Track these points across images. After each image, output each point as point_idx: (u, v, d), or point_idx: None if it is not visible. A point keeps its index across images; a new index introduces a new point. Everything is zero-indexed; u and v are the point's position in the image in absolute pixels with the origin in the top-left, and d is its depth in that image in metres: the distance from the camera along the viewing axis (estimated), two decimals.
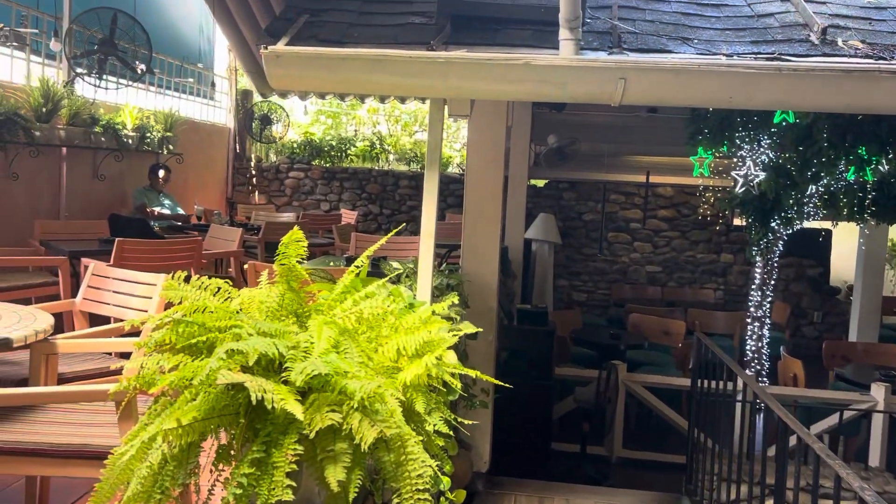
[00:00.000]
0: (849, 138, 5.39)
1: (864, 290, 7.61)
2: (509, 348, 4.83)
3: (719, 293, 9.77)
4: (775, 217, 5.98)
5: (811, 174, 5.64)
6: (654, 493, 4.20)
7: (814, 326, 9.84)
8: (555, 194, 9.85)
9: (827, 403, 5.18)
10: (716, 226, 9.59)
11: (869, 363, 6.26)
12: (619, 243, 9.77)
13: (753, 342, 6.48)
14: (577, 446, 5.19)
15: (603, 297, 9.76)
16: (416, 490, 1.52)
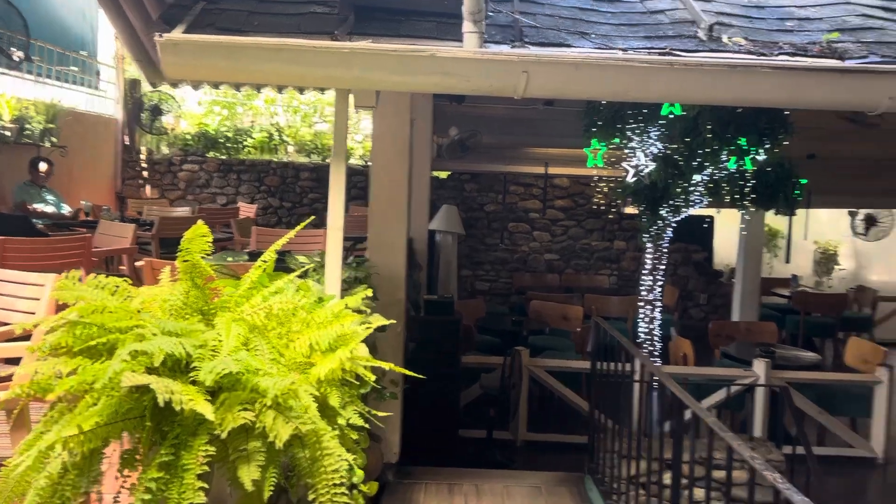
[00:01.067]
0: (731, 130, 5.70)
1: (745, 272, 8.13)
2: (417, 339, 4.85)
3: (613, 278, 10.18)
4: (665, 205, 6.25)
5: (697, 164, 5.93)
6: (559, 474, 4.34)
7: (700, 308, 10.43)
8: (457, 186, 9.96)
9: (715, 380, 5.50)
10: (609, 214, 9.98)
11: (750, 341, 6.70)
12: (519, 233, 10.00)
13: (646, 324, 6.78)
14: (484, 432, 5.29)
15: (505, 286, 9.97)
16: (333, 485, 1.52)
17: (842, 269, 11.59)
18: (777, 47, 2.38)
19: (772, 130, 5.68)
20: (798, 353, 6.20)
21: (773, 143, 5.75)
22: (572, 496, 4.05)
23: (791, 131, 5.78)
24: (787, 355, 6.01)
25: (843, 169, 9.13)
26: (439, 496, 4.00)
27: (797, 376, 5.46)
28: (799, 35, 2.59)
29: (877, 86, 2.29)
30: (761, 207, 6.34)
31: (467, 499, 3.98)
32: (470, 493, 4.06)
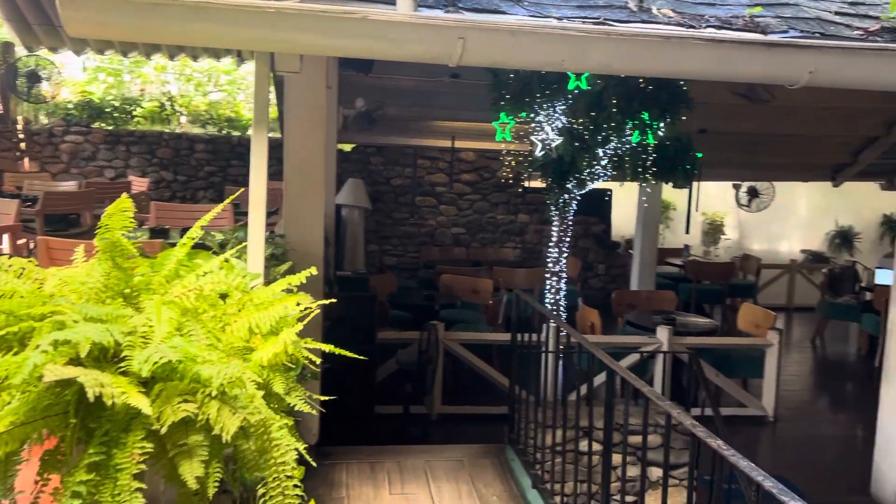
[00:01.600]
0: (634, 104, 5.84)
1: (643, 243, 8.45)
2: (331, 316, 4.73)
3: (518, 251, 10.34)
4: (571, 179, 6.35)
5: (602, 138, 6.05)
6: (480, 446, 4.36)
7: (599, 278, 10.77)
8: (363, 159, 9.78)
9: (622, 347, 5.68)
10: (514, 188, 10.09)
11: (651, 309, 6.98)
12: (426, 207, 9.96)
13: (552, 295, 6.92)
14: (401, 408, 5.25)
15: (412, 260, 9.93)
16: (285, 477, 1.42)
17: (727, 238, 12.26)
18: (703, 20, 2.42)
19: (673, 105, 5.86)
20: (696, 320, 6.52)
21: (673, 118, 5.93)
22: (494, 467, 4.08)
23: (691, 106, 5.99)
24: (686, 322, 6.30)
25: (731, 144, 9.60)
26: (361, 475, 3.93)
27: (697, 342, 5.72)
28: (722, 8, 2.65)
29: (799, 60, 2.37)
30: (661, 180, 6.54)
31: (390, 476, 3.93)
32: (392, 470, 4.01)
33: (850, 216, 12.32)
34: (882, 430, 4.52)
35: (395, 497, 3.66)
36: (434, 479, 3.89)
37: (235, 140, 9.96)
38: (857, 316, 8.36)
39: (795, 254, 12.13)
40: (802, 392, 6.85)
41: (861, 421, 6.00)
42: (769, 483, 1.53)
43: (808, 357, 8.18)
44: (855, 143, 10.01)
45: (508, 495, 3.72)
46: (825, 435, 5.76)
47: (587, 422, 3.70)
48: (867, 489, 4.60)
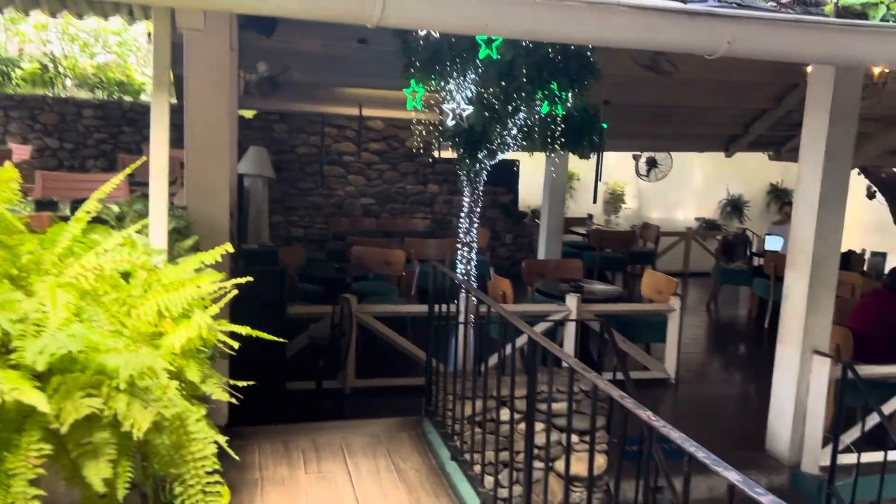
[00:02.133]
0: (544, 74, 5.84)
1: (550, 213, 8.57)
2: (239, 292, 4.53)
3: (428, 222, 10.29)
4: (482, 149, 6.32)
5: (512, 108, 6.04)
6: (398, 419, 4.31)
7: (507, 248, 10.89)
8: (266, 126, 9.41)
9: (535, 315, 5.75)
10: (424, 158, 10.00)
11: (558, 277, 7.11)
12: (333, 176, 9.72)
13: (464, 265, 6.93)
14: (313, 383, 5.12)
15: (320, 232, 9.70)
16: (205, 473, 1.30)
17: (627, 208, 12.66)
18: None
19: (581, 76, 5.91)
20: (602, 287, 6.68)
21: (581, 89, 5.99)
22: (412, 440, 4.05)
23: (599, 77, 6.06)
24: (593, 289, 6.44)
25: (633, 115, 9.85)
26: (275, 455, 3.81)
27: (603, 309, 5.86)
28: None
29: (718, 30, 2.40)
30: (569, 151, 6.61)
31: (305, 455, 3.83)
32: (307, 448, 3.91)
33: (741, 185, 12.97)
34: (776, 389, 4.78)
35: (312, 476, 3.56)
36: (351, 455, 3.82)
37: (127, 105, 9.36)
38: (749, 280, 8.83)
39: (691, 222, 12.68)
40: (701, 354, 7.18)
41: (755, 381, 6.36)
42: (702, 454, 1.54)
43: (704, 321, 8.58)
44: (747, 116, 10.48)
45: (427, 468, 3.70)
46: (723, 395, 6.07)
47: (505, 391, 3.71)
48: (762, 446, 4.87)
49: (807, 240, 4.52)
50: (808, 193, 4.51)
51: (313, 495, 3.36)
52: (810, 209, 4.48)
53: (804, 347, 4.57)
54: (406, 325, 6.11)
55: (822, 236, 4.47)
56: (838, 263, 4.61)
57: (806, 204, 4.53)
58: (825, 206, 4.43)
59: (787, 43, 2.61)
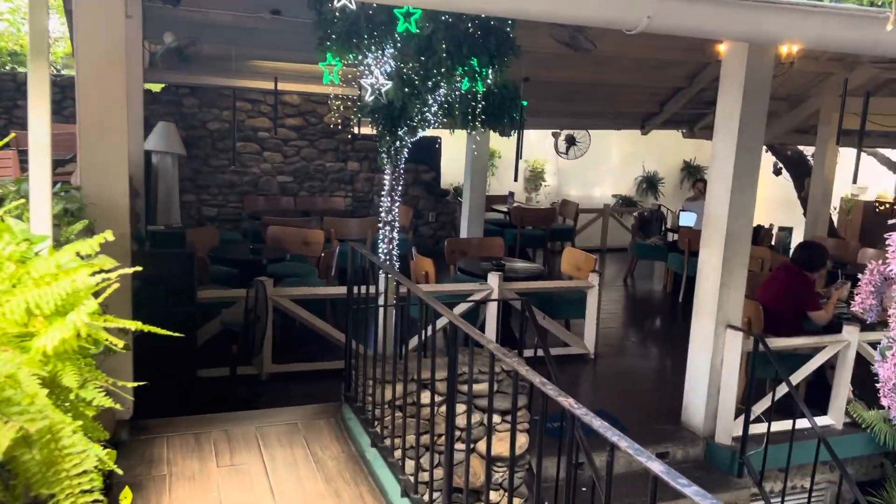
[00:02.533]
0: (464, 50, 5.73)
1: (472, 191, 8.52)
2: (143, 277, 4.26)
3: (348, 200, 10.08)
4: (402, 125, 6.18)
5: (432, 84, 5.92)
6: (316, 406, 4.18)
7: (429, 226, 10.81)
8: (174, 100, 8.94)
9: (457, 295, 5.69)
10: (343, 134, 9.76)
11: (480, 255, 7.07)
12: (248, 153, 9.36)
13: (386, 245, 6.80)
14: (227, 370, 4.92)
15: (235, 211, 9.35)
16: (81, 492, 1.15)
17: (547, 185, 12.77)
18: None
19: (501, 52, 5.84)
20: (523, 265, 6.69)
21: (501, 65, 5.91)
22: (331, 427, 3.93)
23: (518, 53, 6.00)
24: (514, 267, 6.44)
25: (552, 92, 9.90)
26: (185, 448, 3.61)
27: (525, 286, 5.87)
28: None
29: (639, 4, 2.34)
30: (489, 128, 6.55)
31: (217, 447, 3.65)
32: (220, 439, 3.73)
33: (656, 163, 13.29)
34: (692, 363, 4.90)
35: (224, 469, 3.39)
36: (266, 445, 3.66)
37: (22, 78, 8.70)
38: (664, 255, 9.06)
39: (608, 198, 12.91)
40: (619, 329, 7.31)
41: (671, 355, 6.51)
42: (625, 443, 1.49)
43: (621, 295, 8.75)
44: (662, 94, 10.71)
45: (347, 456, 3.59)
46: (640, 369, 6.20)
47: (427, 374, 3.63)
48: (679, 418, 4.98)
49: (721, 217, 4.60)
50: (721, 171, 4.59)
51: (226, 489, 3.20)
52: (724, 186, 4.57)
53: (718, 322, 4.68)
54: (326, 307, 5.94)
55: (736, 213, 4.57)
56: (750, 239, 4.73)
57: (720, 181, 4.62)
58: (738, 183, 4.52)
59: (705, 19, 2.60)
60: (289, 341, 5.85)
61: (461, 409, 3.35)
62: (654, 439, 4.73)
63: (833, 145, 9.99)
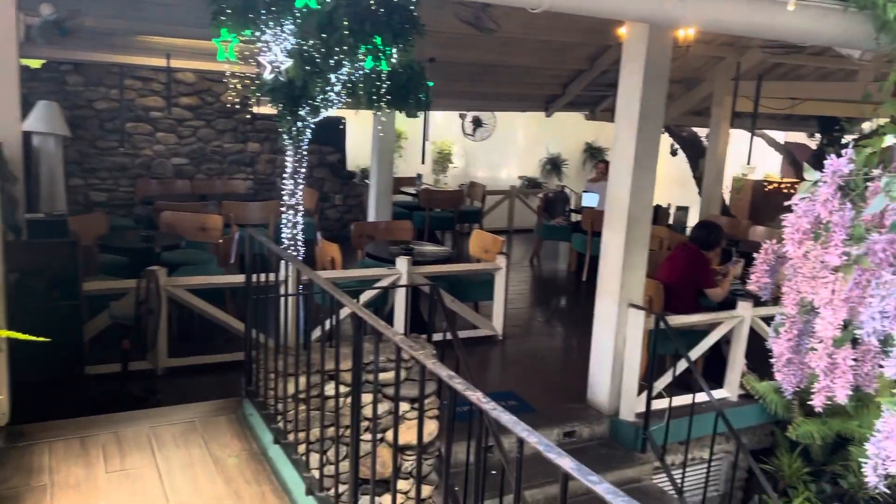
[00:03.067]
0: (367, 27, 5.57)
1: (379, 173, 8.37)
2: (21, 269, 3.93)
3: (249, 183, 9.73)
4: (304, 105, 5.98)
5: (334, 62, 5.73)
6: (215, 402, 3.97)
7: (336, 209, 10.59)
8: (56, 78, 8.32)
9: (364, 280, 5.57)
10: (242, 114, 9.37)
11: (388, 239, 6.96)
12: (139, 134, 8.84)
13: (289, 230, 6.58)
14: (118, 366, 4.62)
15: (126, 196, 8.83)
16: None
17: (454, 167, 12.76)
18: None
19: (405, 31, 5.71)
20: (432, 248, 6.63)
21: (405, 44, 5.79)
22: (231, 424, 3.74)
23: (423, 32, 5.89)
24: (423, 251, 6.37)
25: (458, 73, 9.86)
26: (69, 454, 3.35)
27: (434, 270, 5.80)
28: None
29: None
30: (395, 109, 6.44)
31: (106, 451, 3.41)
32: (109, 443, 3.48)
33: (559, 144, 13.51)
34: (596, 342, 4.98)
35: (114, 475, 3.17)
36: (161, 447, 3.45)
37: None
38: (568, 236, 9.22)
39: (514, 180, 13.04)
40: (526, 310, 7.39)
41: (577, 334, 6.63)
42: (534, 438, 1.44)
43: (528, 276, 8.85)
44: (564, 76, 10.87)
45: (248, 454, 3.42)
46: (547, 349, 6.27)
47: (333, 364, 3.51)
48: (584, 397, 5.07)
49: (623, 198, 4.67)
50: (623, 153, 4.65)
51: (115, 497, 2.98)
52: (626, 168, 4.63)
53: (621, 301, 4.77)
54: (225, 297, 5.69)
55: (637, 194, 4.64)
56: (651, 220, 4.83)
57: (622, 163, 4.68)
58: (640, 165, 4.60)
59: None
60: (187, 333, 5.58)
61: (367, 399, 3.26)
62: (562, 418, 4.79)
63: (726, 127, 10.42)
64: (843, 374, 2.42)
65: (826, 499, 4.91)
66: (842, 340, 2.34)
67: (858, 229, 2.27)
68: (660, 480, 4.88)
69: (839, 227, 2.27)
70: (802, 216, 2.36)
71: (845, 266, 2.28)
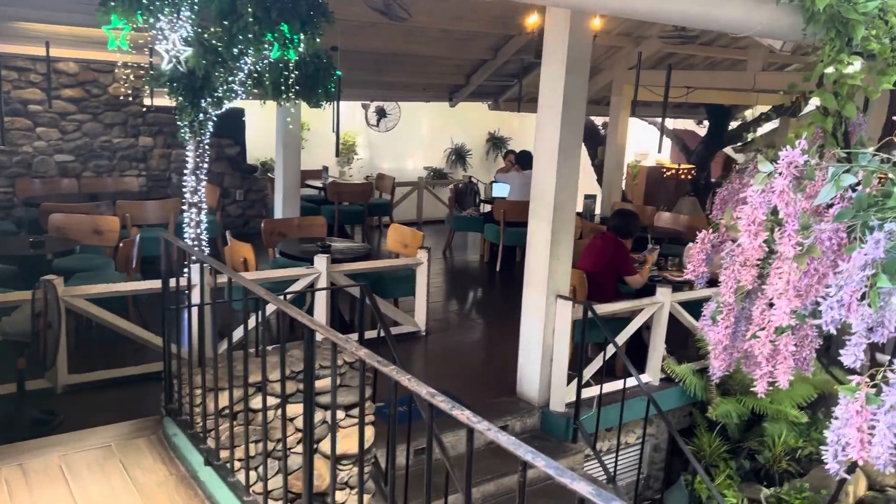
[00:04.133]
0: (273, 15, 5.31)
1: (286, 166, 8.03)
2: None
3: (143, 180, 9.13)
4: (206, 96, 5.63)
5: (238, 51, 5.42)
6: (133, 423, 3.64)
7: (238, 204, 10.13)
8: None
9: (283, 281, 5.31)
10: (133, 107, 8.76)
11: (302, 236, 6.69)
12: (17, 130, 8.08)
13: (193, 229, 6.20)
14: (13, 386, 4.17)
15: (5, 197, 8.06)
16: None
17: (360, 158, 12.50)
18: None
19: (313, 18, 5.48)
20: (351, 245, 6.42)
21: (314, 32, 5.56)
22: (153, 446, 3.44)
23: (332, 20, 5.67)
24: (340, 248, 6.15)
25: (362, 62, 9.63)
26: None
27: (354, 268, 5.61)
28: None
29: None
30: (303, 99, 6.19)
31: (11, 487, 3.05)
32: (13, 477, 3.12)
33: (464, 135, 13.50)
34: (525, 334, 4.95)
35: None
36: (75, 477, 3.12)
37: None
38: (480, 226, 9.21)
39: (420, 171, 12.92)
40: (446, 303, 7.30)
41: (498, 325, 6.61)
42: (541, 461, 1.32)
43: (443, 268, 8.78)
44: (468, 66, 10.84)
45: (176, 479, 3.15)
46: (471, 342, 6.21)
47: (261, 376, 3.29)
48: (514, 390, 5.03)
49: (548, 188, 4.64)
50: (547, 143, 4.62)
51: None
52: (550, 157, 4.60)
53: (549, 292, 4.75)
54: (128, 305, 5.28)
55: (562, 184, 4.63)
56: (575, 209, 4.84)
57: (546, 154, 4.65)
58: (564, 155, 4.58)
59: None
60: (88, 346, 5.13)
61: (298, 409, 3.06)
62: (495, 413, 4.74)
63: (626, 115, 10.71)
64: (784, 359, 2.46)
65: (745, 474, 5.12)
66: (783, 328, 2.38)
67: (804, 218, 2.30)
68: (591, 468, 4.94)
69: (792, 217, 2.29)
70: (758, 207, 2.37)
71: (798, 256, 2.30)
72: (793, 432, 5.26)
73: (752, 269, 2.55)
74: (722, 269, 2.77)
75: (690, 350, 6.22)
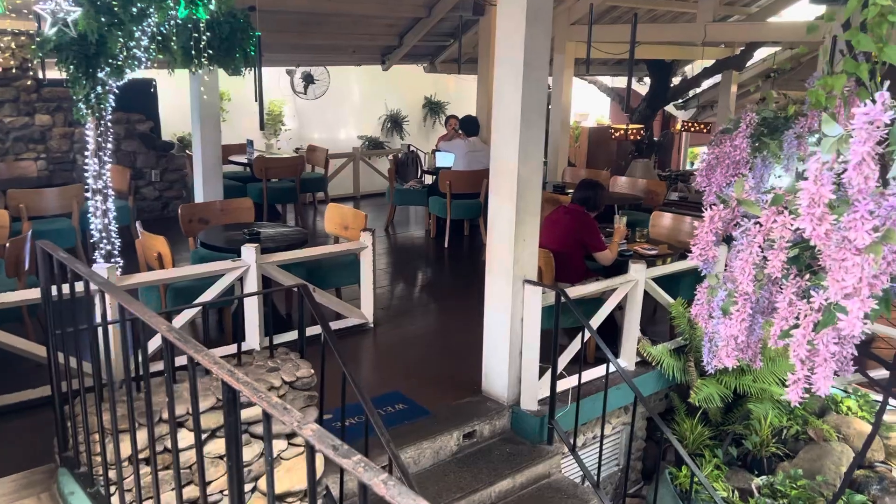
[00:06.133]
0: None
1: (204, 143, 7.20)
2: None
3: (42, 164, 8.11)
4: (102, 65, 4.79)
5: (137, 11, 4.61)
6: (17, 477, 2.90)
7: (153, 186, 9.20)
8: None
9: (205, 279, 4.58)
10: (24, 80, 7.70)
11: (226, 222, 5.92)
12: None
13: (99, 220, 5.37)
14: None
15: None
16: None
17: (288, 129, 11.64)
18: None
19: None
20: (283, 230, 5.68)
21: None
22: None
23: None
24: (272, 235, 5.43)
25: (285, 24, 8.79)
26: None
27: (289, 257, 4.92)
28: None
29: None
30: (218, 65, 5.42)
31: None
32: None
33: (398, 100, 12.74)
34: (489, 326, 4.38)
35: None
36: None
37: None
38: (423, 200, 8.57)
39: (354, 141, 12.14)
40: (392, 288, 6.66)
41: (454, 311, 6.01)
42: None
43: (387, 247, 8.12)
44: (401, 25, 10.10)
45: None
46: (425, 333, 5.59)
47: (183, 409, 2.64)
48: (479, 388, 4.48)
49: (510, 161, 4.04)
50: (508, 110, 4.00)
51: None
52: (512, 125, 4.00)
53: (515, 277, 4.19)
54: (23, 315, 4.46)
55: (526, 156, 4.04)
56: (541, 184, 4.26)
57: (506, 122, 4.03)
58: (527, 123, 3.98)
59: None
60: None
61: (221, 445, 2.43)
62: (460, 418, 4.17)
63: (570, 74, 10.18)
64: (824, 361, 1.93)
65: (732, 461, 4.73)
66: (825, 323, 1.86)
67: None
68: (569, 470, 4.45)
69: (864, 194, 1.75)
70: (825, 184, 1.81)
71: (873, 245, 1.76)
72: (776, 410, 4.89)
73: (780, 252, 2.01)
74: (736, 252, 2.23)
75: (659, 326, 5.80)
